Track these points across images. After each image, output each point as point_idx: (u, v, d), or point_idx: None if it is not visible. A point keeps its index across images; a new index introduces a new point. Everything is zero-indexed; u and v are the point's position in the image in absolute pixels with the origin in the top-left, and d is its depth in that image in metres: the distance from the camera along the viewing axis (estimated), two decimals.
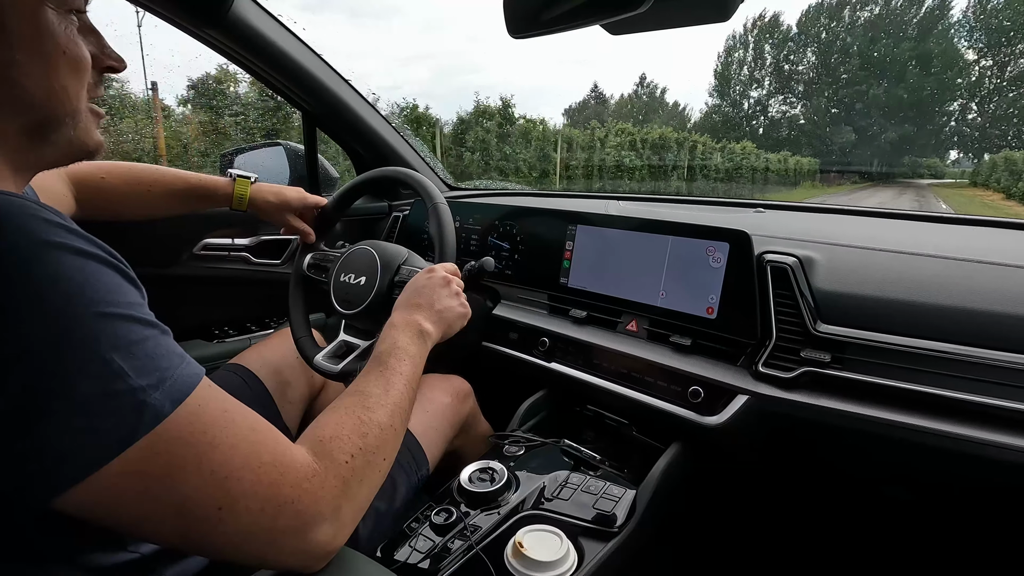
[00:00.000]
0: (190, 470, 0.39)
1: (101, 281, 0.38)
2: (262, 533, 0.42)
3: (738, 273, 0.88)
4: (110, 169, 0.94)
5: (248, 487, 0.41)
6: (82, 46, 0.46)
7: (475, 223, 1.30)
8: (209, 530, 0.40)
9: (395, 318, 0.74)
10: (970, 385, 0.70)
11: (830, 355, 0.79)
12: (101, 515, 0.37)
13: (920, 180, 56.02)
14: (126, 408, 0.36)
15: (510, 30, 0.52)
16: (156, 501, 0.38)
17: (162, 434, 0.38)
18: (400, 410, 0.59)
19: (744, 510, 1.11)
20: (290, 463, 0.45)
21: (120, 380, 0.36)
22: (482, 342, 1.18)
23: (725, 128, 76.15)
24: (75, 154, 0.49)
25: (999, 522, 0.86)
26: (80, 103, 0.47)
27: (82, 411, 0.35)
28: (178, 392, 0.39)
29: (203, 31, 1.08)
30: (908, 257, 0.84)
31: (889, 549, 1.02)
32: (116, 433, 0.36)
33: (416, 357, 0.68)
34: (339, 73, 1.32)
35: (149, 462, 0.37)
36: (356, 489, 0.49)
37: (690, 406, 0.87)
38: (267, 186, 1.05)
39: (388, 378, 0.61)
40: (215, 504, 0.40)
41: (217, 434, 0.41)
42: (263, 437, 0.44)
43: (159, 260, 1.22)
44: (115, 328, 0.37)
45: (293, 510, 0.43)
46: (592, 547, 0.73)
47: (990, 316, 0.71)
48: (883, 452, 0.78)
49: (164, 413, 0.38)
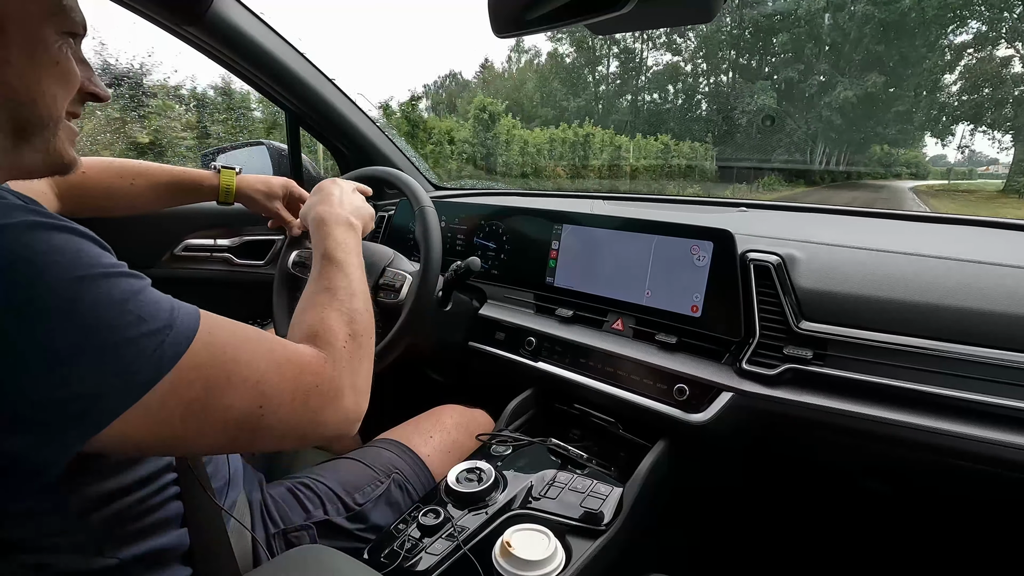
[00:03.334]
0: (223, 385, 0.44)
1: (89, 248, 0.42)
2: (300, 416, 0.50)
3: (722, 272, 0.89)
4: (91, 164, 0.92)
5: (277, 383, 0.48)
6: (73, 64, 0.48)
7: (461, 223, 1.30)
8: (255, 427, 0.47)
9: (322, 215, 0.76)
10: (948, 380, 0.72)
11: (812, 352, 0.80)
12: (150, 441, 0.42)
13: (897, 182, 35.84)
14: (148, 350, 0.40)
15: (494, 29, 0.52)
16: (200, 419, 0.43)
17: (186, 365, 0.42)
18: (366, 296, 0.67)
19: (729, 505, 1.12)
20: (302, 357, 0.52)
21: (135, 327, 0.40)
22: (468, 342, 1.18)
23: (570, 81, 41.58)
24: (51, 164, 0.50)
25: (976, 513, 0.88)
26: (62, 113, 0.49)
27: (110, 358, 0.38)
28: (187, 328, 0.44)
29: (182, 28, 1.06)
30: (888, 255, 0.85)
31: (871, 542, 1.04)
32: (144, 375, 0.40)
33: (356, 247, 0.74)
34: (323, 72, 1.31)
35: (183, 390, 0.42)
36: (358, 365, 0.58)
37: (676, 404, 0.88)
38: (253, 176, 1.04)
39: (346, 271, 0.67)
40: (256, 404, 0.46)
41: (235, 351, 0.46)
42: (272, 343, 0.51)
43: (139, 261, 1.19)
44: (118, 283, 0.41)
45: (318, 391, 0.51)
46: (580, 545, 0.73)
47: (967, 313, 0.73)
48: (863, 446, 0.79)
49: (182, 349, 0.42)
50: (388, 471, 0.84)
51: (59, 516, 0.46)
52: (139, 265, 0.46)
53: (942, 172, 46.84)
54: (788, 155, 33.50)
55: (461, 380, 1.27)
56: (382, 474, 0.83)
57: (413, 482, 0.85)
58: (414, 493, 0.84)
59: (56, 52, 0.46)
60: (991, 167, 47.30)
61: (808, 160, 33.40)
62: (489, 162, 14.50)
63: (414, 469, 0.87)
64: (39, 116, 0.46)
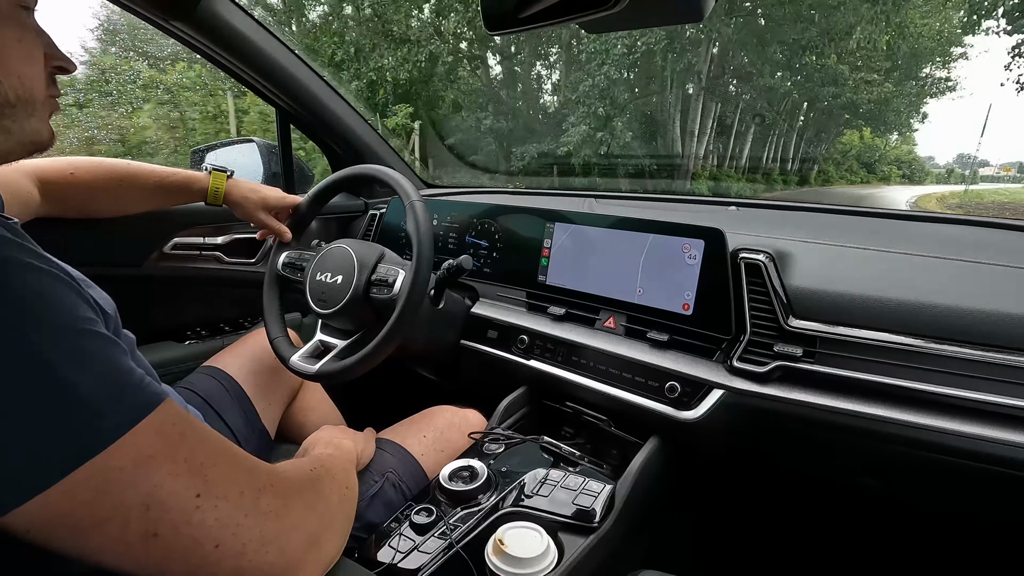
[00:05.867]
0: (159, 459, 0.37)
1: (56, 297, 0.37)
2: (243, 522, 0.40)
3: (713, 270, 0.89)
4: (79, 164, 0.91)
5: (225, 472, 0.40)
6: (35, 38, 0.47)
7: (453, 221, 1.30)
8: (180, 524, 0.37)
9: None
10: (935, 377, 0.73)
11: (802, 349, 0.81)
12: (56, 531, 0.35)
13: (884, 188, 25.10)
14: (81, 424, 0.35)
15: (487, 26, 0.52)
16: (118, 504, 0.36)
17: (124, 445, 0.36)
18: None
19: (721, 502, 1.13)
20: (260, 463, 0.45)
21: (74, 396, 0.35)
22: (460, 340, 1.18)
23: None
24: (28, 144, 0.49)
25: (968, 510, 0.89)
26: (35, 93, 0.48)
27: (33, 428, 0.33)
28: (140, 408, 0.38)
29: (171, 24, 1.05)
30: (878, 254, 0.86)
31: (863, 539, 1.05)
32: (68, 450, 0.34)
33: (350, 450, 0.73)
34: (314, 69, 1.30)
35: (104, 476, 0.35)
36: (333, 517, 0.51)
37: (667, 401, 0.88)
38: (245, 182, 1.03)
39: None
40: (192, 492, 0.38)
41: (185, 434, 0.40)
42: (232, 447, 0.44)
43: (128, 260, 1.18)
44: (72, 343, 0.36)
45: (274, 492, 0.43)
46: (572, 542, 0.73)
47: (955, 311, 0.74)
48: (853, 443, 0.80)
49: (123, 429, 0.36)
50: (382, 471, 0.84)
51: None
52: (129, 264, 0.45)
53: (938, 175, 34.17)
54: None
55: (453, 379, 1.27)
56: (376, 473, 0.83)
57: (407, 481, 0.85)
58: (407, 492, 0.84)
59: (15, 29, 0.45)
60: (988, 168, 37.12)
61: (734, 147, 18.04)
62: None
63: (407, 468, 0.86)
64: (7, 98, 0.46)
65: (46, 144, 0.51)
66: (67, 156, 0.92)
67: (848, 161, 26.95)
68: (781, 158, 21.72)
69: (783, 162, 22.03)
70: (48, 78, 0.50)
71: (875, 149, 28.43)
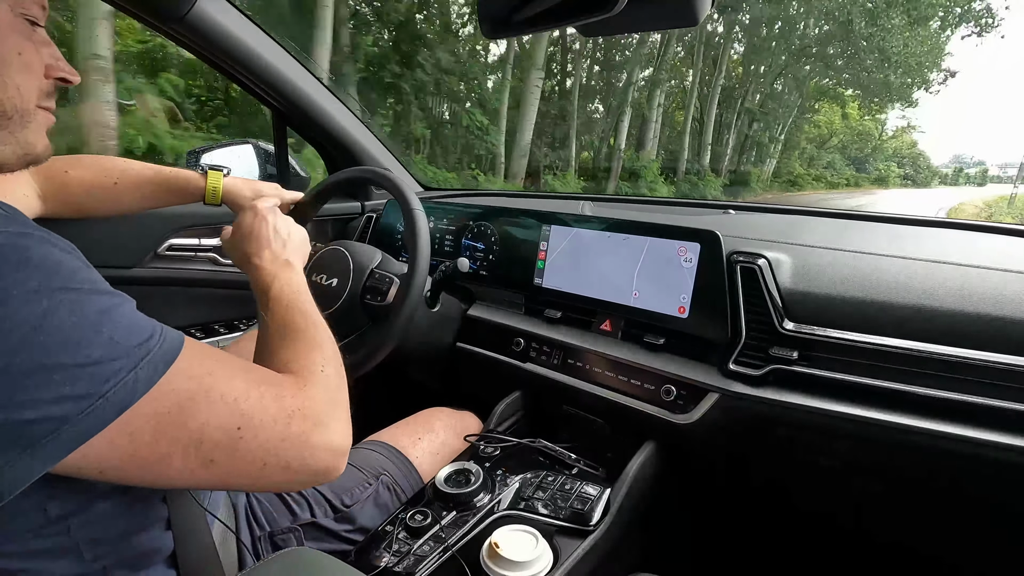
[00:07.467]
0: (199, 405, 0.42)
1: (69, 263, 0.40)
2: (282, 442, 0.46)
3: (709, 273, 0.89)
4: (74, 162, 0.90)
5: (257, 403, 0.45)
6: (37, 50, 0.48)
7: (449, 223, 1.30)
8: (232, 451, 0.43)
9: (255, 262, 0.70)
10: (930, 380, 0.73)
11: (797, 352, 0.81)
12: (117, 467, 0.40)
13: (878, 191, 20.16)
14: (122, 373, 0.38)
15: (485, 31, 0.52)
16: (171, 441, 0.41)
17: (161, 390, 0.40)
18: (327, 332, 0.62)
19: (717, 505, 1.13)
20: (283, 379, 0.50)
21: (110, 347, 0.38)
22: (456, 343, 1.18)
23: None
24: (22, 156, 0.49)
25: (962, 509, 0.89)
26: (30, 104, 0.48)
27: (81, 378, 0.37)
28: (167, 352, 0.42)
29: (165, 25, 1.04)
30: (872, 257, 0.87)
31: (859, 541, 1.05)
32: (115, 398, 0.38)
33: (302, 285, 0.68)
34: (311, 70, 1.30)
35: (156, 414, 0.40)
36: (337, 395, 0.54)
37: (663, 404, 0.88)
38: (241, 180, 1.03)
39: (301, 309, 0.63)
40: (234, 425, 0.43)
41: (214, 371, 0.44)
42: (253, 370, 0.49)
43: (122, 261, 1.18)
44: (96, 301, 0.40)
45: (301, 415, 0.48)
46: (567, 546, 0.73)
47: (949, 315, 0.74)
48: (848, 445, 0.80)
49: (158, 375, 0.40)
50: (376, 473, 0.83)
51: (39, 521, 0.45)
52: (123, 265, 0.46)
53: (945, 175, 27.17)
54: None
55: (449, 382, 1.27)
56: (370, 476, 0.82)
57: (401, 484, 0.84)
58: (402, 495, 0.84)
59: (17, 40, 0.45)
60: (992, 169, 30.84)
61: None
62: None
63: (402, 471, 0.86)
64: (4, 109, 0.46)
65: (41, 156, 0.51)
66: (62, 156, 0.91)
67: (826, 155, 18.31)
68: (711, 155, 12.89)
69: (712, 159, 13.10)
70: (48, 90, 0.50)
71: (867, 137, 20.35)
